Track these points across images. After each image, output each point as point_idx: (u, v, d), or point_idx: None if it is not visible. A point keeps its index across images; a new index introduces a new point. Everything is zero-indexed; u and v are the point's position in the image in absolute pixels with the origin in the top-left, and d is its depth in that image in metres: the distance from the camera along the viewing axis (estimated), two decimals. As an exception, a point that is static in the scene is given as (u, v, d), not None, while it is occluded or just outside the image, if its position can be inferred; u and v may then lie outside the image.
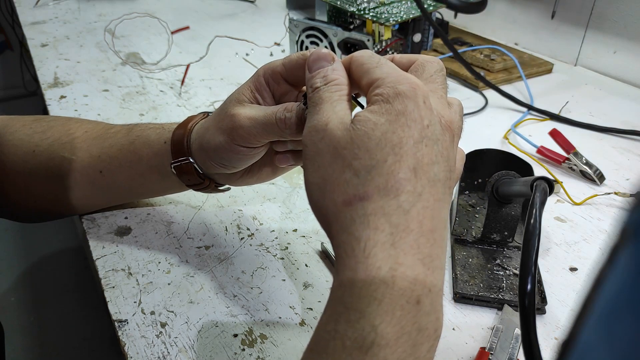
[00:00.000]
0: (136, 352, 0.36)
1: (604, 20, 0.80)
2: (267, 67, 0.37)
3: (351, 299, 0.22)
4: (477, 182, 0.49)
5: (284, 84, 0.37)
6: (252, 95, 0.36)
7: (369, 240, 0.23)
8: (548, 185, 0.35)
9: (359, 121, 0.25)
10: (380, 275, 0.22)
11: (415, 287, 0.22)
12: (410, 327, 0.21)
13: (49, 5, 1.08)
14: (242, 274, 0.42)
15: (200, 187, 0.43)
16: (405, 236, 0.23)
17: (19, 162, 0.45)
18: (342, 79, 0.29)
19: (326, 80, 0.29)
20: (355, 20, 0.70)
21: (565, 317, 0.39)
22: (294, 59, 0.35)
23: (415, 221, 0.23)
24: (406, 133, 0.24)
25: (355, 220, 0.24)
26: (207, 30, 0.96)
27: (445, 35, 0.73)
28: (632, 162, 0.59)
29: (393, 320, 0.21)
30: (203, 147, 0.39)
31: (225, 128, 0.36)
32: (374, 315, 0.21)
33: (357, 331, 0.21)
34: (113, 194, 0.47)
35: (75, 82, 0.75)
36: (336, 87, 0.28)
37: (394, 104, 0.25)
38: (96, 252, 0.44)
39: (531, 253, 0.30)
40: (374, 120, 0.25)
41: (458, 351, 0.36)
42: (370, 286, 0.22)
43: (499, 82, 0.76)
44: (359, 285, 0.22)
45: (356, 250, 0.23)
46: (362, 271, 0.22)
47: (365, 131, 0.25)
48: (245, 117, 0.35)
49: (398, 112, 0.25)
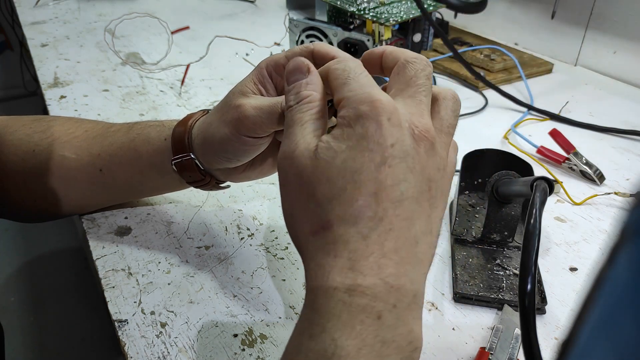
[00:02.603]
0: (136, 352, 0.36)
1: (604, 20, 0.80)
2: (270, 59, 0.37)
3: (313, 316, 0.24)
4: (477, 182, 0.49)
5: None
6: (256, 88, 0.37)
7: (329, 267, 0.24)
8: (548, 185, 0.35)
9: (321, 149, 0.25)
10: (338, 295, 0.23)
11: (376, 303, 0.23)
12: (373, 340, 0.22)
13: (49, 5, 1.08)
14: (242, 274, 0.42)
15: (201, 184, 0.43)
16: (363, 260, 0.24)
17: (19, 162, 0.45)
18: (315, 94, 0.28)
19: (298, 98, 0.28)
20: (355, 20, 0.70)
21: (565, 317, 0.39)
22: (297, 52, 0.35)
23: (375, 245, 0.24)
24: (367, 157, 0.24)
25: (319, 249, 0.25)
26: (207, 30, 0.96)
27: (445, 35, 0.73)
28: (632, 162, 0.59)
29: (353, 333, 0.22)
30: (207, 141, 0.39)
31: (230, 120, 0.36)
32: (334, 329, 0.23)
33: (319, 344, 0.23)
34: (113, 193, 0.47)
35: (75, 82, 0.75)
36: (307, 105, 0.28)
37: (356, 128, 0.25)
38: (96, 252, 0.44)
39: (531, 253, 0.30)
40: (335, 148, 0.25)
41: (458, 351, 0.36)
42: (330, 304, 0.23)
43: (499, 82, 0.76)
44: (320, 303, 0.24)
45: (319, 276, 0.24)
46: (322, 293, 0.24)
47: (326, 160, 0.25)
48: (251, 107, 0.35)
49: (359, 136, 0.25)
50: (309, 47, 0.35)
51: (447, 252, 0.45)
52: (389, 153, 0.24)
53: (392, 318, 0.23)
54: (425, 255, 0.26)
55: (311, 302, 0.25)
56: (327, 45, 0.35)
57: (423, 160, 0.26)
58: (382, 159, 0.24)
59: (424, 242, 0.25)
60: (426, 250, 0.26)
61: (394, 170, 0.24)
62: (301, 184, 0.26)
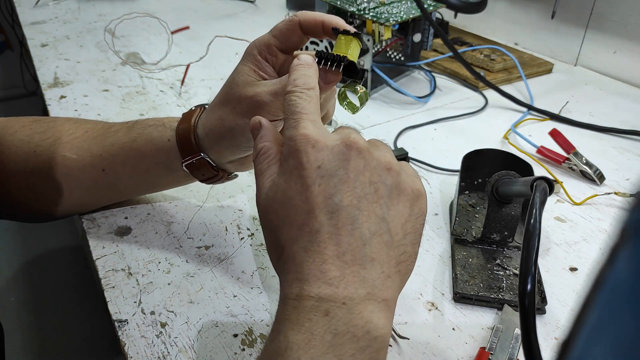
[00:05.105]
0: (136, 352, 0.36)
1: (604, 20, 0.80)
2: (259, 44, 0.38)
3: (274, 324, 0.28)
4: (477, 182, 0.49)
5: (281, 55, 0.38)
6: (257, 74, 0.38)
7: (285, 283, 0.28)
8: (548, 185, 0.35)
9: (269, 188, 0.29)
10: (290, 303, 0.27)
11: (321, 303, 0.26)
12: (323, 332, 0.25)
13: (49, 5, 1.08)
14: (242, 274, 0.42)
15: (213, 180, 0.44)
16: (307, 269, 0.27)
17: (20, 163, 0.45)
18: (267, 144, 0.31)
19: (255, 152, 0.32)
20: (355, 20, 0.70)
21: (565, 317, 0.39)
22: (283, 28, 0.37)
23: (316, 253, 0.27)
24: (299, 184, 0.28)
25: (281, 271, 0.29)
26: (207, 30, 0.96)
27: (445, 35, 0.73)
28: (632, 162, 0.59)
29: (302, 330, 0.26)
30: (224, 136, 0.40)
31: (247, 110, 0.38)
32: (286, 329, 0.26)
33: (275, 343, 0.26)
34: (117, 191, 0.47)
35: (75, 82, 0.75)
36: (263, 156, 0.31)
37: (289, 162, 0.29)
38: (96, 252, 0.44)
39: (531, 253, 0.30)
40: (277, 184, 0.29)
41: (458, 351, 0.36)
42: (284, 311, 0.27)
43: (499, 82, 0.76)
44: (278, 312, 0.28)
45: (280, 292, 0.29)
46: (281, 304, 0.28)
47: (272, 196, 0.29)
48: (267, 94, 0.37)
49: (292, 167, 0.28)
50: (294, 19, 0.37)
51: (447, 252, 0.45)
52: (317, 174, 0.28)
53: (343, 313, 0.26)
54: (379, 254, 0.27)
55: (276, 314, 0.28)
56: (312, 13, 0.37)
57: (358, 167, 0.28)
58: (312, 181, 0.28)
59: (375, 242, 0.27)
60: (379, 249, 0.27)
61: (324, 187, 0.28)
62: (264, 222, 0.30)
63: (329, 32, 0.36)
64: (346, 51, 0.35)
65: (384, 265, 0.27)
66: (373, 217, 0.28)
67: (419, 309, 0.40)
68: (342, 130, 0.31)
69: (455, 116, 0.68)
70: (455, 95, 0.74)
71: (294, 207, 0.28)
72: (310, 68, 0.33)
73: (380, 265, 0.27)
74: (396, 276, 0.28)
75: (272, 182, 0.29)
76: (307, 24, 0.37)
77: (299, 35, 0.38)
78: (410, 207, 0.29)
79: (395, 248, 0.28)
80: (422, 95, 0.72)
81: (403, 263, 0.28)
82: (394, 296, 0.28)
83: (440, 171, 0.57)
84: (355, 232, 0.27)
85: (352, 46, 0.35)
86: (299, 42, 0.38)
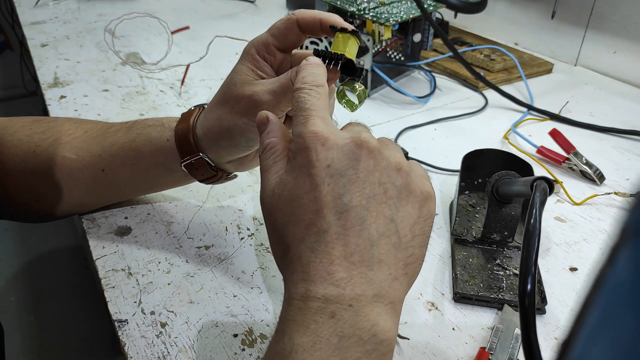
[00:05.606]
0: (136, 352, 0.36)
1: (604, 20, 0.80)
2: (257, 43, 0.38)
3: (278, 325, 0.28)
4: (477, 182, 0.49)
5: (279, 54, 0.38)
6: (255, 74, 0.38)
7: (290, 283, 0.27)
8: (548, 185, 0.35)
9: (276, 185, 0.29)
10: (295, 303, 0.26)
11: (328, 305, 0.26)
12: (329, 335, 0.25)
13: (49, 5, 1.08)
14: (242, 274, 0.42)
15: (212, 180, 0.44)
16: (313, 269, 0.26)
17: (20, 163, 0.45)
18: (275, 139, 0.31)
19: (262, 148, 0.31)
20: (355, 20, 0.70)
21: (565, 317, 0.39)
22: (281, 27, 0.37)
23: (323, 253, 0.26)
24: (307, 182, 0.27)
25: (285, 270, 0.29)
26: (207, 30, 0.96)
27: (445, 35, 0.73)
28: (632, 162, 0.59)
29: (307, 332, 0.25)
30: (222, 136, 0.40)
31: (245, 110, 0.38)
32: (291, 330, 0.26)
33: (280, 345, 0.26)
34: (117, 191, 0.47)
35: (75, 82, 0.75)
36: (270, 152, 0.31)
37: (297, 159, 0.28)
38: (96, 252, 0.44)
39: (531, 253, 0.30)
40: (284, 182, 0.29)
41: (458, 351, 0.36)
42: (289, 312, 0.27)
43: (499, 82, 0.76)
44: (283, 313, 0.27)
45: (285, 292, 0.28)
46: (285, 305, 0.27)
47: (279, 193, 0.29)
48: (265, 93, 0.37)
49: (300, 165, 0.28)
50: (292, 18, 0.37)
51: (447, 252, 0.45)
52: (326, 173, 0.27)
53: (350, 315, 0.25)
54: (387, 255, 0.27)
55: (280, 314, 0.28)
56: (310, 11, 0.37)
57: (368, 167, 0.28)
58: (321, 180, 0.27)
59: (383, 243, 0.27)
60: (387, 250, 0.27)
61: (333, 187, 0.27)
62: (269, 219, 0.29)
63: (326, 30, 0.36)
64: (344, 49, 0.35)
65: (391, 267, 0.27)
66: (381, 218, 0.27)
67: (419, 309, 0.40)
68: (352, 127, 0.30)
69: (455, 116, 0.68)
70: (455, 95, 0.74)
71: (302, 206, 0.27)
72: (320, 67, 0.33)
73: (388, 267, 0.27)
74: (403, 278, 0.28)
75: (279, 179, 0.29)
76: (305, 23, 0.37)
77: (297, 34, 0.38)
78: (419, 208, 0.29)
79: (403, 250, 0.28)
80: (422, 95, 0.72)
81: (410, 265, 0.28)
82: (400, 298, 0.27)
83: (440, 171, 0.57)
84: (363, 233, 0.27)
85: (350, 44, 0.35)
86: (297, 41, 0.38)
